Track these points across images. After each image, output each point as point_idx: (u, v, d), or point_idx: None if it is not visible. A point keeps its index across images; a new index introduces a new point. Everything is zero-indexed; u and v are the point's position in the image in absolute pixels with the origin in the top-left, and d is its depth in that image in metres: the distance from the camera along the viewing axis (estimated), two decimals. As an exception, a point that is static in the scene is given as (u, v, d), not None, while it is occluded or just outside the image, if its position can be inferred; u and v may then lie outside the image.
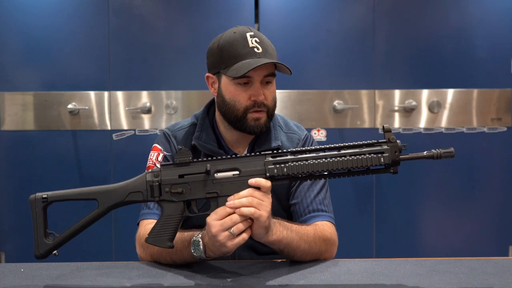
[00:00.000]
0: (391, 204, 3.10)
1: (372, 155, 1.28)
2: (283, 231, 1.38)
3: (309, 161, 1.29)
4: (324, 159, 1.29)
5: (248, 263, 1.45)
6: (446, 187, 3.12)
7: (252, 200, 1.27)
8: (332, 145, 1.32)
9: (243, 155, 1.33)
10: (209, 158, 1.33)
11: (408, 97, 3.09)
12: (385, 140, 1.30)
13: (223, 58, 1.51)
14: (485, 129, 3.12)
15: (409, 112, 3.10)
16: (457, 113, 3.11)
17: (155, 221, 1.52)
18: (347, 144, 1.31)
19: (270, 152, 1.33)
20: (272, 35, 3.17)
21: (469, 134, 3.12)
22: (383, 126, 1.31)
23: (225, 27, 1.64)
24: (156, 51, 3.07)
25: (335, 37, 3.10)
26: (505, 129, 3.12)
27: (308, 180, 1.53)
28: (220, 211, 1.29)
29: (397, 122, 3.09)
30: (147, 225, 1.53)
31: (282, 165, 1.30)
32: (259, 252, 1.59)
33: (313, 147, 1.34)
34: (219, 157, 1.33)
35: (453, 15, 3.11)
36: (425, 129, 3.11)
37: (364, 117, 3.09)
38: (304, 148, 1.34)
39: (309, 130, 3.03)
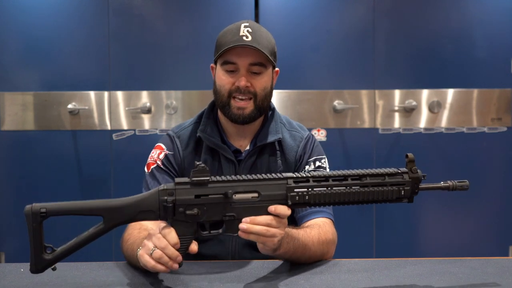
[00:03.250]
0: (391, 204, 3.09)
1: (394, 187, 1.27)
2: (289, 243, 1.36)
3: (331, 190, 1.25)
4: (347, 188, 1.25)
5: (248, 263, 1.45)
6: (446, 187, 3.11)
7: (267, 231, 1.22)
8: (354, 172, 1.26)
9: (264, 177, 1.26)
10: (228, 177, 1.25)
11: (408, 97, 3.09)
12: (406, 170, 1.28)
13: (217, 46, 1.58)
14: (485, 129, 3.12)
15: (409, 112, 3.10)
16: (457, 113, 3.11)
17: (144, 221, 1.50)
18: (369, 172, 1.26)
19: (292, 176, 1.26)
20: (272, 35, 3.17)
21: (469, 134, 3.12)
22: (407, 155, 1.27)
23: (225, 27, 1.64)
24: (156, 51, 3.07)
25: (335, 37, 3.10)
26: (505, 129, 3.12)
27: None
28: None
29: (397, 122, 3.09)
30: (135, 225, 1.51)
31: (304, 193, 1.24)
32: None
33: (336, 174, 1.26)
34: (239, 178, 1.25)
35: (453, 15, 3.11)
36: (425, 129, 3.11)
37: (364, 117, 3.09)
38: (326, 174, 1.27)
39: (309, 130, 3.02)
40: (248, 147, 1.63)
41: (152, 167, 1.61)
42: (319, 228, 1.50)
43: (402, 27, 3.12)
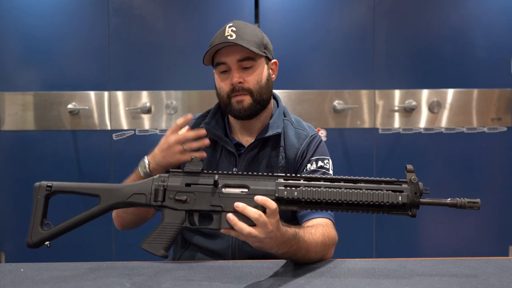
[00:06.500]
0: (391, 204, 3.10)
1: (389, 192, 1.24)
2: (294, 246, 1.35)
3: (322, 188, 1.25)
4: (338, 189, 1.25)
5: (248, 263, 1.45)
6: (446, 187, 3.12)
7: (249, 233, 1.22)
8: (349, 177, 1.28)
9: (254, 173, 1.30)
10: (220, 172, 1.30)
11: (408, 97, 3.09)
12: (405, 180, 1.26)
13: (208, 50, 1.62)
14: (485, 129, 3.12)
15: (409, 112, 3.10)
16: (457, 113, 3.11)
17: None
18: (364, 178, 1.27)
19: (283, 174, 1.30)
20: (272, 35, 3.17)
21: (469, 134, 3.12)
22: (406, 166, 1.27)
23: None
24: (156, 51, 3.07)
25: (335, 37, 3.10)
26: (505, 129, 3.12)
27: None
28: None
29: (397, 122, 3.09)
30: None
31: (293, 188, 1.25)
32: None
33: (329, 176, 1.29)
34: (230, 172, 1.30)
35: (453, 15, 3.11)
36: (425, 129, 3.11)
37: (364, 117, 3.09)
38: (319, 176, 1.30)
39: (309, 130, 3.03)
40: (253, 141, 1.66)
41: None
42: (323, 229, 1.49)
43: (402, 27, 3.12)
